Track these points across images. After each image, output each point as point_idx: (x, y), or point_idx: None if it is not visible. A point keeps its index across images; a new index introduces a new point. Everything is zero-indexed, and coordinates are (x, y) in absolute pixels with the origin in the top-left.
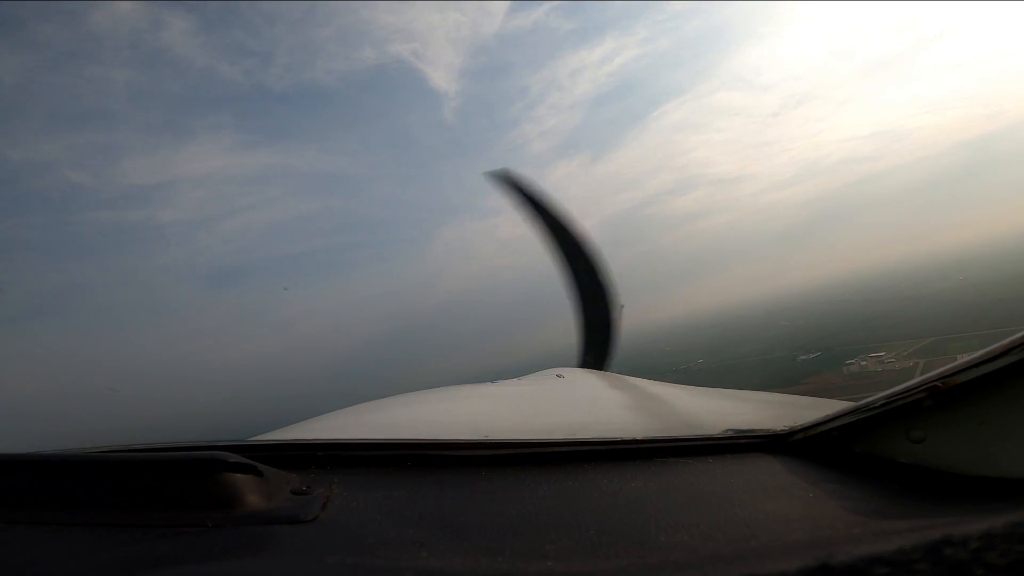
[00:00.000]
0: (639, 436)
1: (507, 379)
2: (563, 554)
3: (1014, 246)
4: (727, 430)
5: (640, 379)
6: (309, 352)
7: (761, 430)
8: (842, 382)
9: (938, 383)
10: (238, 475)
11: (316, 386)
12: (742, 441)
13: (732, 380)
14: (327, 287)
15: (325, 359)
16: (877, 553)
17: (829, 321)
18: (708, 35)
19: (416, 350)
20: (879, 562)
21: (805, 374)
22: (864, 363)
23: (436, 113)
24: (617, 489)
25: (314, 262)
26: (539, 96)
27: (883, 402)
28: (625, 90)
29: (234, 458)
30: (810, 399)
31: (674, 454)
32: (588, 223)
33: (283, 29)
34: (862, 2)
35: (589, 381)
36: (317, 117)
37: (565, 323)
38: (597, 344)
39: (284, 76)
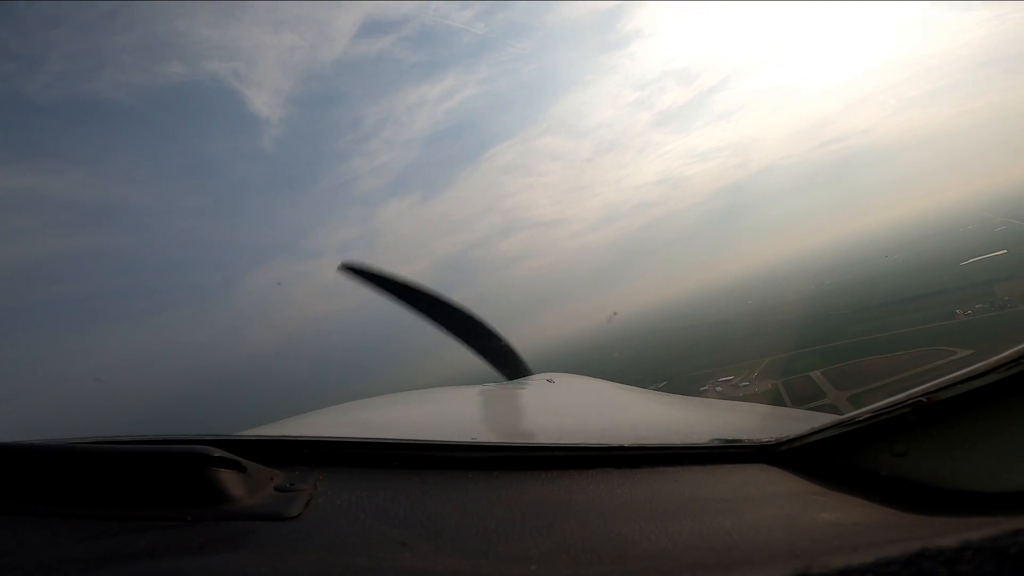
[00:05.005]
0: (627, 443)
1: (496, 383)
2: (547, 559)
3: (780, 273)
4: (714, 439)
5: (629, 387)
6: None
7: (748, 440)
8: None
9: (923, 399)
10: (222, 470)
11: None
12: (729, 451)
13: None
14: (97, 340)
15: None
16: (855, 564)
17: (657, 350)
18: (542, 79)
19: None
20: (857, 573)
21: None
22: (719, 388)
23: (254, 141)
24: (603, 495)
25: (78, 310)
26: (374, 129)
27: (868, 416)
28: (461, 129)
29: (218, 453)
30: (797, 411)
31: (661, 462)
32: (418, 266)
33: (65, 32)
34: (667, 53)
35: (579, 387)
36: (93, 135)
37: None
38: (499, 354)
39: (52, 85)
